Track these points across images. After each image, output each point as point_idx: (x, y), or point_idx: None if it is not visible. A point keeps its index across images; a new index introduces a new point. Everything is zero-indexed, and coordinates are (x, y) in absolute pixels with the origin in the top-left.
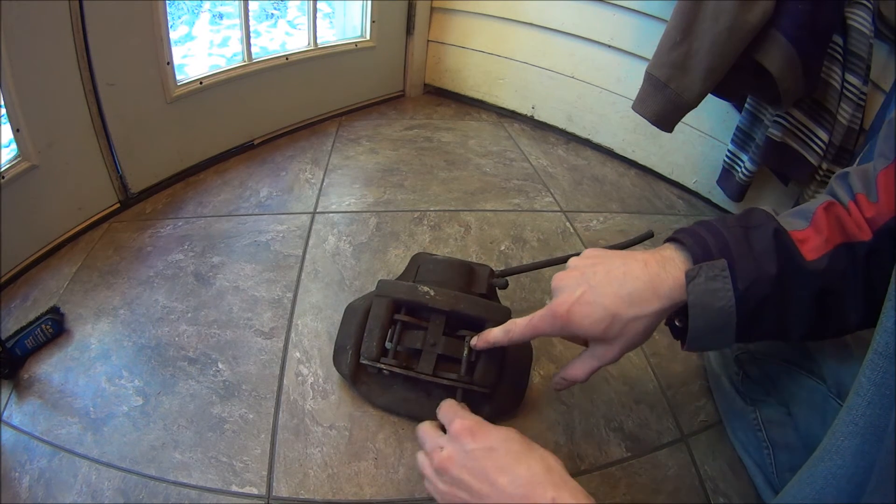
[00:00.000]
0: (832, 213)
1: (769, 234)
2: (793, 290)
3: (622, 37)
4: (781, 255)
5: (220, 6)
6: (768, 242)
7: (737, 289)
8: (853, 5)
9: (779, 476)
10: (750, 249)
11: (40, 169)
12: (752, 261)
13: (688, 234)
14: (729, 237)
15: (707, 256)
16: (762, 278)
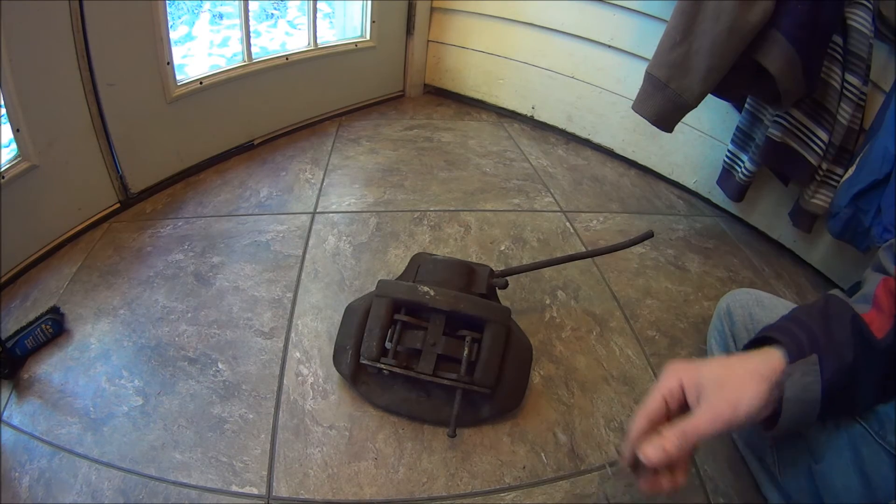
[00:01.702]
0: (888, 288)
1: (847, 322)
2: (866, 369)
3: (622, 37)
4: (857, 341)
5: (220, 6)
6: (847, 331)
7: (824, 381)
8: (853, 5)
9: (782, 474)
10: (830, 339)
11: (40, 169)
12: (835, 350)
13: (782, 333)
14: (816, 329)
15: (801, 353)
16: (843, 368)
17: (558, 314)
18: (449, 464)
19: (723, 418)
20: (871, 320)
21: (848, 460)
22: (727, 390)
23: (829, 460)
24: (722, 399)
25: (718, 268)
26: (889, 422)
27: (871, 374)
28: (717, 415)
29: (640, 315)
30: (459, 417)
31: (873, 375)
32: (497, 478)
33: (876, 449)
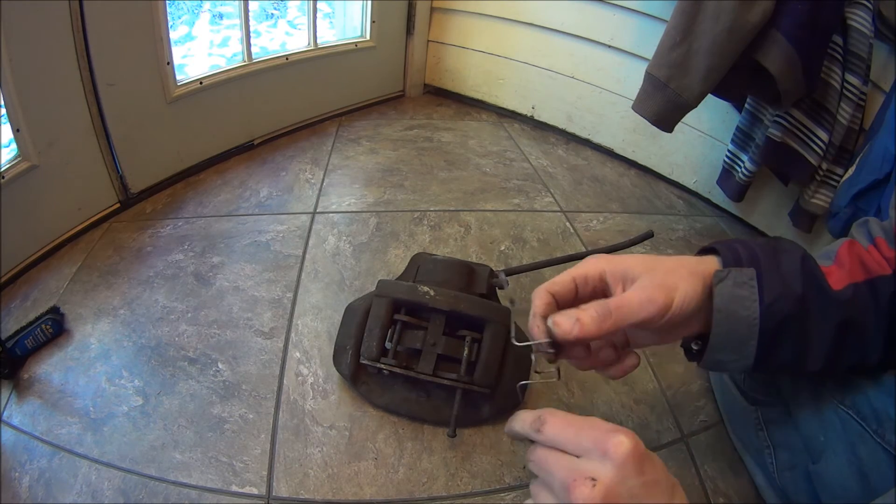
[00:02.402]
0: (854, 251)
1: (797, 258)
2: (816, 315)
3: (622, 37)
4: (808, 279)
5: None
6: (796, 265)
7: (762, 301)
8: (853, 5)
9: (779, 475)
10: (777, 266)
11: (40, 169)
12: (780, 277)
13: (721, 244)
14: (759, 251)
15: (737, 264)
16: (788, 296)
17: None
18: (449, 464)
19: (657, 303)
20: (829, 272)
21: (845, 460)
22: (660, 276)
23: (826, 460)
24: (656, 283)
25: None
26: (887, 420)
27: (824, 324)
28: (650, 297)
29: None
30: (459, 417)
31: (827, 327)
32: (497, 478)
33: (874, 447)
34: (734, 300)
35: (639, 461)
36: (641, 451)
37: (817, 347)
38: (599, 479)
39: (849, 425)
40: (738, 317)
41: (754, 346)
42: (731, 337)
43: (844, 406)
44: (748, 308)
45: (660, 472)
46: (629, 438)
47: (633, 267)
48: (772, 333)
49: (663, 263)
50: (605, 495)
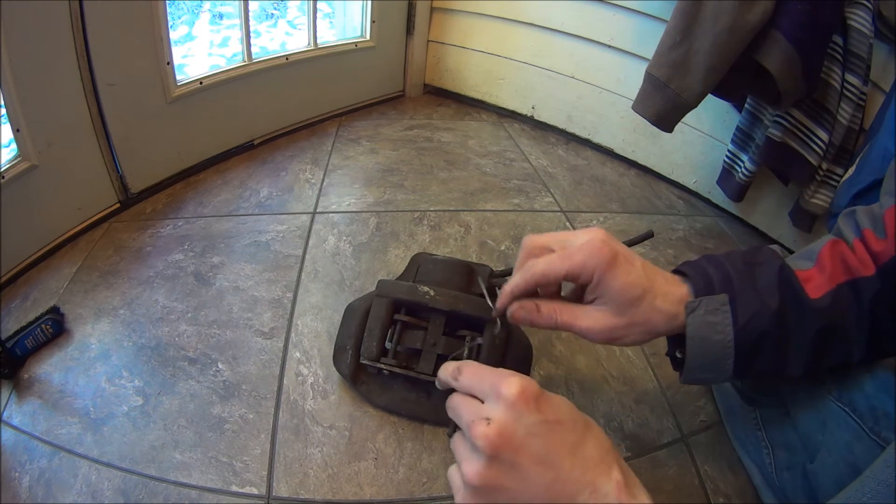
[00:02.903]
0: (836, 250)
1: (774, 271)
2: (793, 326)
3: (622, 37)
4: (784, 291)
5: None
6: (772, 278)
7: (736, 323)
8: (853, 5)
9: (777, 475)
10: (753, 284)
11: (40, 169)
12: (754, 295)
13: (691, 267)
14: (732, 271)
15: (709, 290)
16: (763, 313)
17: None
18: (449, 464)
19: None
20: (808, 277)
21: (841, 458)
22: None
23: (823, 459)
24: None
25: None
26: (884, 417)
27: (802, 333)
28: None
29: None
30: None
31: (805, 336)
32: None
33: (869, 445)
34: (706, 327)
35: (531, 400)
36: (533, 392)
37: (796, 356)
38: (493, 418)
39: (845, 423)
40: (712, 341)
41: (731, 364)
42: (707, 359)
43: (841, 403)
44: (721, 332)
45: (562, 412)
46: (519, 380)
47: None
48: (749, 349)
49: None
50: (498, 433)
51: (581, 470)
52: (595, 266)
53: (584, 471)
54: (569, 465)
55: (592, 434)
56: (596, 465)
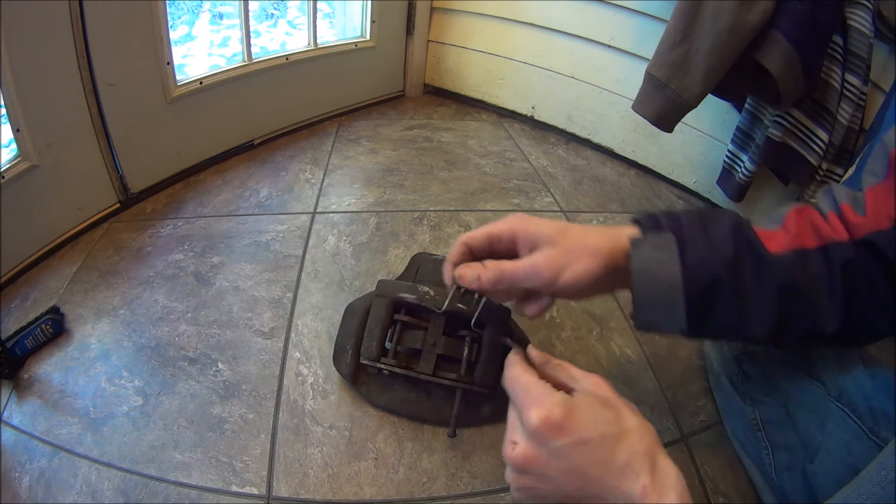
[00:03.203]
0: (805, 216)
1: (728, 226)
2: (752, 279)
3: (622, 37)
4: (739, 243)
5: (220, 6)
6: (726, 232)
7: (684, 263)
8: (853, 5)
9: (777, 476)
10: (705, 234)
11: (40, 169)
12: (706, 241)
13: (644, 215)
14: (685, 220)
15: (657, 230)
16: (715, 258)
17: (558, 314)
18: (449, 464)
19: (542, 277)
20: (772, 236)
21: (840, 458)
22: (556, 257)
23: (823, 459)
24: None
25: None
26: (883, 418)
27: (761, 289)
28: (537, 271)
29: None
30: (459, 417)
31: (765, 293)
32: (497, 478)
33: (869, 445)
34: (652, 262)
35: (553, 429)
36: (555, 420)
37: (758, 313)
38: (519, 443)
39: (845, 423)
40: (658, 279)
41: (683, 308)
42: (655, 298)
43: (841, 404)
44: (668, 271)
45: (589, 430)
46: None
47: (541, 236)
48: (701, 296)
49: (570, 237)
50: (522, 458)
51: (610, 476)
52: (513, 225)
53: (611, 478)
54: (598, 474)
55: (625, 442)
56: (623, 472)
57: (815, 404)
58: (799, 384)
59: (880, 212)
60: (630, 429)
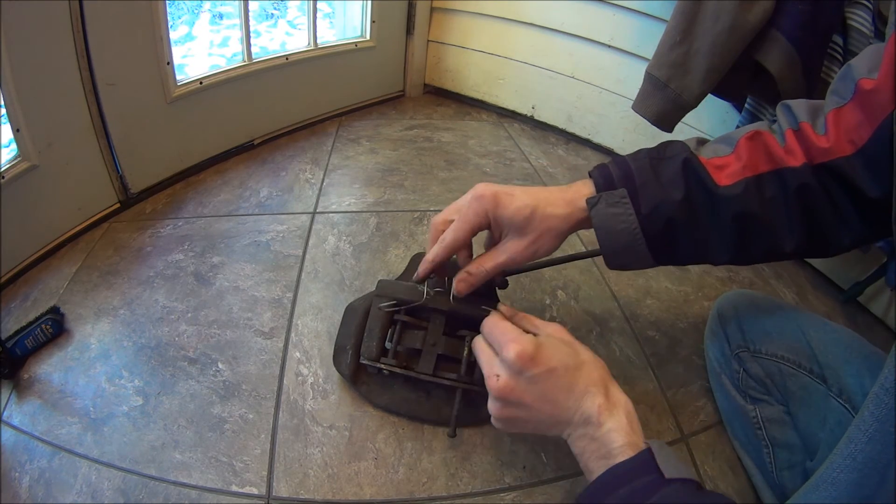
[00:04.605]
0: (758, 141)
1: (678, 165)
2: (705, 214)
3: (622, 37)
4: (690, 182)
5: (220, 6)
6: (676, 172)
7: (639, 212)
8: (853, 5)
9: (777, 475)
10: (656, 178)
11: (40, 169)
12: (657, 187)
13: (596, 169)
14: (634, 168)
15: (609, 186)
16: (667, 202)
17: (558, 314)
18: (449, 464)
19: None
20: (724, 164)
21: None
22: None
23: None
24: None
25: (718, 268)
26: None
27: (717, 220)
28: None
29: (640, 315)
30: (459, 417)
31: (721, 223)
32: (497, 478)
33: None
34: (609, 218)
35: (527, 360)
36: (528, 353)
37: (717, 242)
38: (501, 375)
39: (846, 419)
40: (617, 230)
41: (646, 249)
42: (619, 246)
43: (841, 400)
44: (625, 222)
45: (555, 360)
46: (515, 346)
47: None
48: (660, 236)
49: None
50: (505, 386)
51: (573, 400)
52: (485, 212)
53: (574, 400)
54: (563, 398)
55: (583, 371)
56: (583, 395)
57: (815, 401)
58: (800, 382)
59: (842, 137)
60: (586, 361)
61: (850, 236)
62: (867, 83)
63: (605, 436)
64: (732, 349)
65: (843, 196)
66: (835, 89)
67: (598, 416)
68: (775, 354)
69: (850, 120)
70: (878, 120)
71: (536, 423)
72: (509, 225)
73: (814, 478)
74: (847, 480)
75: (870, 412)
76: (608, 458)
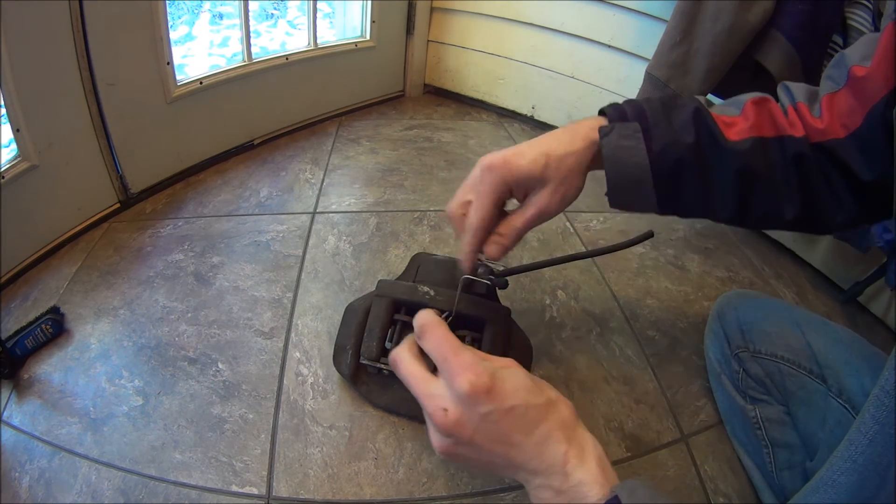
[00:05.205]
0: (764, 107)
1: (689, 113)
2: (712, 163)
3: (622, 37)
4: (700, 129)
5: (220, 6)
6: (687, 119)
7: (650, 149)
8: (853, 5)
9: (777, 475)
10: (668, 121)
11: (40, 169)
12: (669, 128)
13: (609, 106)
14: (648, 109)
15: (623, 120)
16: (678, 143)
17: (558, 314)
18: (449, 464)
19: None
20: (732, 122)
21: None
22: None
23: (821, 457)
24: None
25: (718, 268)
26: None
27: (722, 171)
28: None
29: (640, 315)
30: None
31: (726, 175)
32: (497, 478)
33: None
34: (620, 150)
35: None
36: (483, 386)
37: (720, 193)
38: (449, 409)
39: (845, 419)
40: (628, 163)
41: (652, 188)
42: (626, 180)
43: (841, 400)
44: (636, 156)
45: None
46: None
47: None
48: (668, 177)
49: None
50: (455, 423)
51: (532, 444)
52: (501, 179)
53: (534, 445)
54: (521, 440)
55: (548, 412)
56: (546, 439)
57: (815, 402)
58: (799, 382)
59: (835, 121)
60: (552, 400)
61: (844, 214)
62: (859, 70)
63: (574, 489)
64: (732, 349)
65: (838, 176)
66: (829, 75)
67: (563, 466)
68: (775, 354)
69: (842, 105)
70: (868, 105)
71: (486, 465)
72: (528, 181)
73: (814, 480)
74: (847, 483)
75: (870, 414)
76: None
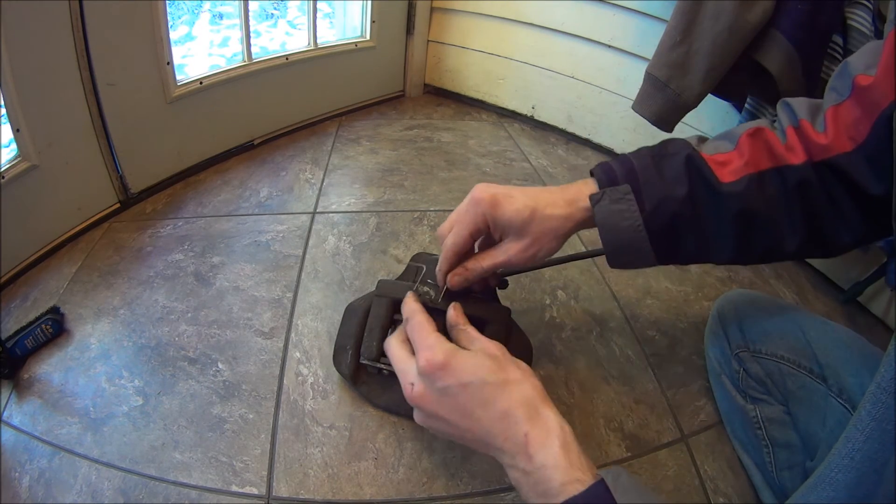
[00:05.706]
0: (759, 138)
1: (680, 162)
2: (707, 213)
3: (622, 37)
4: (693, 179)
5: (220, 6)
6: (679, 168)
7: (643, 209)
8: (853, 5)
9: (777, 475)
10: (659, 175)
11: (40, 169)
12: (661, 182)
13: (598, 166)
14: (637, 165)
15: (612, 183)
16: (671, 198)
17: (558, 314)
18: (449, 464)
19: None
20: (727, 160)
21: None
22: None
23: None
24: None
25: (718, 268)
26: None
27: (720, 218)
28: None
29: (640, 315)
30: None
31: (723, 220)
32: (497, 478)
33: None
34: (613, 215)
35: (436, 369)
36: (437, 363)
37: (719, 240)
38: (415, 384)
39: (846, 419)
40: (621, 227)
41: (649, 247)
42: (622, 243)
43: (842, 399)
44: (628, 218)
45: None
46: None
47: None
48: (663, 233)
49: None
50: (418, 395)
51: (491, 420)
52: (483, 214)
53: (493, 421)
54: (479, 415)
55: (505, 391)
56: (505, 417)
57: (815, 401)
58: (800, 382)
59: (841, 134)
60: (512, 380)
61: (851, 234)
62: (864, 79)
63: (538, 472)
64: (732, 349)
65: (844, 194)
66: (833, 86)
67: (525, 447)
68: (775, 354)
69: (848, 117)
70: (875, 115)
71: (461, 439)
72: (508, 227)
73: (812, 477)
74: (845, 480)
75: (867, 411)
76: (548, 496)
